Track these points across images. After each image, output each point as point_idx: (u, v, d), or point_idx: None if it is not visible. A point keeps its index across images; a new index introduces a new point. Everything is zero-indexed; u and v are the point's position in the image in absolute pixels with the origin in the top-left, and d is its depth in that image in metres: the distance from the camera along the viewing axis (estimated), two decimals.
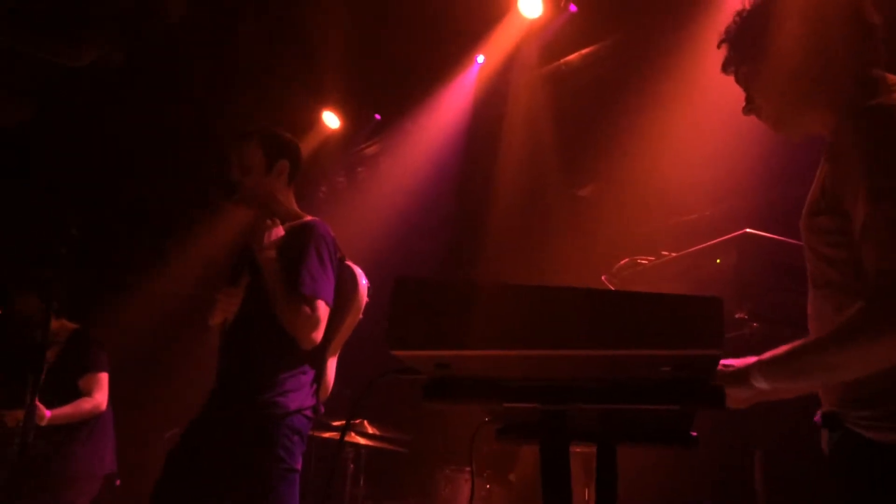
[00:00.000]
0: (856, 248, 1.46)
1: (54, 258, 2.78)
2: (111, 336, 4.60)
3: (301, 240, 2.72)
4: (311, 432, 2.76)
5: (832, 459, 1.57)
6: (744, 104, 1.78)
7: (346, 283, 2.82)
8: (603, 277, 3.25)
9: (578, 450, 3.20)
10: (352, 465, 4.78)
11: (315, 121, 6.48)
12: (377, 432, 4.76)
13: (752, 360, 1.54)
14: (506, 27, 5.37)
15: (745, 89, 1.78)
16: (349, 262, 2.88)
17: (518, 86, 5.57)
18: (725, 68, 1.81)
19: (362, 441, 4.72)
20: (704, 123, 4.45)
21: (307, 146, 6.09)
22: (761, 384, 1.51)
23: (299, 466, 2.59)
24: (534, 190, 5.52)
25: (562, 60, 5.34)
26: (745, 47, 1.75)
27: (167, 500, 2.52)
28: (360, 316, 2.85)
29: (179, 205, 6.02)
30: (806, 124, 1.71)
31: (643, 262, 3.31)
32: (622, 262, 3.35)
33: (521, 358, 1.09)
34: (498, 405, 1.24)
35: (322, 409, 2.75)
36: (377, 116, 6.52)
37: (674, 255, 3.15)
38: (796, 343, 1.52)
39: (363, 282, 2.86)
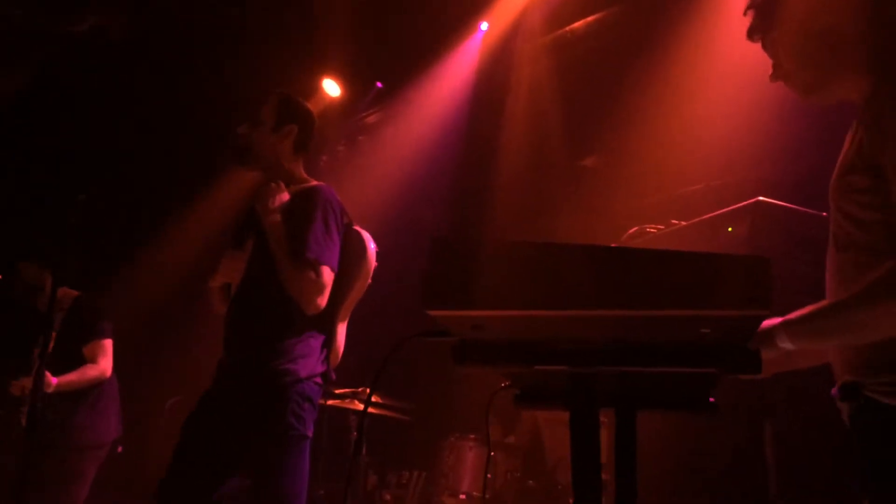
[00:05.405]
0: (888, 211, 1.45)
1: (61, 226, 2.73)
2: (110, 303, 4.57)
3: (306, 204, 2.70)
4: (321, 400, 2.74)
5: (854, 429, 1.56)
6: (771, 71, 1.75)
7: (354, 248, 2.79)
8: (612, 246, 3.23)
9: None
10: (355, 433, 4.80)
11: (315, 88, 6.41)
12: (380, 400, 4.77)
13: (776, 321, 1.52)
14: None
15: (773, 56, 1.75)
16: (357, 227, 2.85)
17: (522, 54, 5.53)
18: (751, 35, 1.77)
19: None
20: (710, 93, 4.41)
21: None
22: (786, 345, 1.50)
23: (311, 434, 2.59)
24: (538, 159, 5.48)
25: (566, 28, 5.29)
26: (772, 12, 1.71)
27: (182, 472, 2.52)
28: (370, 281, 2.83)
29: (182, 171, 5.97)
30: (836, 89, 1.68)
31: (652, 230, 3.29)
32: (631, 230, 3.33)
33: (560, 319, 1.07)
34: (529, 368, 1.22)
35: (333, 376, 2.74)
36: (378, 84, 6.46)
37: (684, 223, 3.13)
38: (822, 303, 1.51)
39: (371, 246, 2.83)
